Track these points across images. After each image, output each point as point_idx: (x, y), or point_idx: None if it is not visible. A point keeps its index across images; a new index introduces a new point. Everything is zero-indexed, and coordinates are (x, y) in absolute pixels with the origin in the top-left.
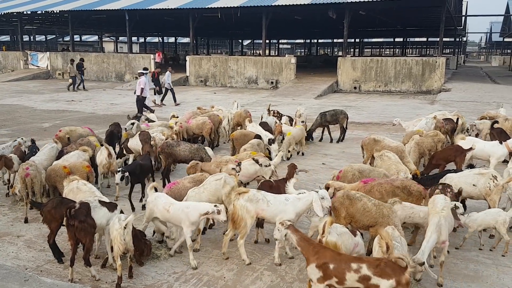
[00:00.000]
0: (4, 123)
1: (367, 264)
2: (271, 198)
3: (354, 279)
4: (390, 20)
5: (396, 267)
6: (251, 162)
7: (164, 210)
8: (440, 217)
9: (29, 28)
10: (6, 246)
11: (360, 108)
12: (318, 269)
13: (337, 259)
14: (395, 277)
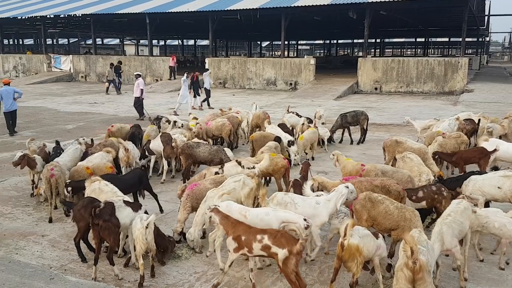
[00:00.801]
0: (28, 124)
1: (268, 235)
2: (299, 200)
3: (259, 248)
4: (411, 20)
5: (290, 239)
6: (233, 164)
7: (241, 216)
8: (442, 225)
9: (52, 31)
10: (31, 246)
11: (381, 109)
12: (233, 240)
13: (247, 232)
14: (287, 247)
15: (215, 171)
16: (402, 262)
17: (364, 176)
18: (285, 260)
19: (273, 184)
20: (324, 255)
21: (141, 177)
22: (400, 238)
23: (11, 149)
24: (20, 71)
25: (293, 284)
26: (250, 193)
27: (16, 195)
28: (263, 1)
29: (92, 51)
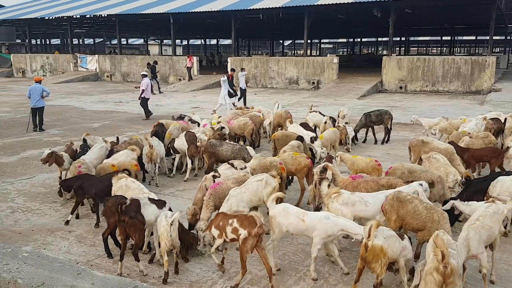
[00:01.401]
0: (55, 123)
1: (236, 219)
2: (369, 198)
3: (230, 231)
4: (437, 18)
5: (252, 222)
6: (227, 166)
7: (299, 220)
8: (469, 231)
9: (78, 31)
10: (59, 241)
11: (406, 108)
12: (215, 228)
13: (224, 219)
14: (248, 229)
15: (212, 175)
16: (432, 266)
17: (390, 174)
18: (244, 240)
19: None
20: (347, 256)
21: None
22: (425, 239)
23: (39, 146)
24: (47, 70)
25: (242, 261)
26: (272, 192)
27: (44, 192)
28: (286, 0)
29: (117, 51)
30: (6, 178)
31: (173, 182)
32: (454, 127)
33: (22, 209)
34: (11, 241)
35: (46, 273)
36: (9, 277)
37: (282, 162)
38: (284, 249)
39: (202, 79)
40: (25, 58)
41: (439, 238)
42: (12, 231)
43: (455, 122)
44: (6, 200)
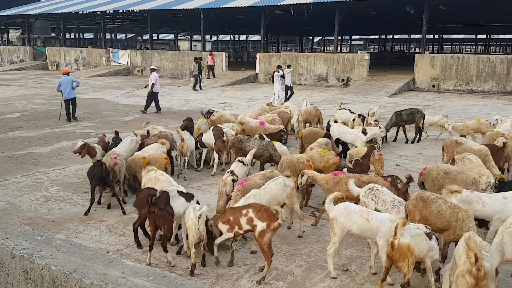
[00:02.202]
0: (88, 115)
1: (252, 208)
2: (486, 198)
3: (245, 222)
4: (472, 15)
5: (271, 214)
6: (239, 165)
7: (363, 219)
8: (503, 235)
9: (111, 26)
10: (90, 230)
11: (439, 107)
12: (224, 224)
13: (234, 212)
14: (267, 221)
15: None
16: (464, 268)
17: (425, 175)
18: (261, 232)
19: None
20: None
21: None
22: (451, 239)
23: (72, 138)
24: (80, 64)
25: (265, 253)
26: (292, 193)
27: (76, 182)
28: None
29: (148, 46)
30: (41, 168)
31: (201, 176)
32: (470, 127)
33: (55, 198)
34: (44, 229)
35: (78, 260)
36: (43, 263)
37: (309, 159)
38: (311, 246)
39: (230, 75)
40: (59, 51)
41: (471, 240)
42: (45, 219)
43: (470, 123)
44: (40, 189)
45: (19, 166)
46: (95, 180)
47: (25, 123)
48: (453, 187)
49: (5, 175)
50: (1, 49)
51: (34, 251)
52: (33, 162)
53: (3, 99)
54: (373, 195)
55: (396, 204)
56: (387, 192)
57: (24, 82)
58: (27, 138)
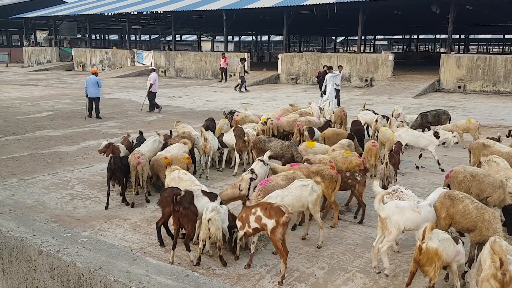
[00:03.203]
0: (113, 115)
1: (260, 207)
2: None
3: (253, 220)
4: (500, 15)
5: (278, 211)
6: (260, 164)
7: (415, 213)
8: None
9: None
10: (114, 228)
11: (465, 109)
12: (239, 221)
13: (246, 210)
14: (275, 218)
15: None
16: (489, 272)
17: (451, 177)
18: (273, 230)
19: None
20: (398, 259)
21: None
22: (477, 240)
23: (97, 137)
24: (106, 65)
25: (279, 250)
26: (317, 200)
27: (102, 180)
28: None
29: (171, 47)
30: (67, 167)
31: (222, 176)
32: (459, 127)
33: (81, 196)
34: (70, 226)
35: (103, 258)
36: (69, 260)
37: (332, 160)
38: (333, 248)
39: (252, 75)
40: (85, 52)
41: (497, 244)
42: (71, 217)
43: (460, 123)
44: (66, 187)
45: (46, 164)
46: (108, 173)
47: (52, 122)
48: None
49: (32, 173)
50: (29, 50)
51: (61, 248)
52: (59, 160)
53: (30, 99)
54: (397, 197)
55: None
56: (411, 195)
57: (51, 82)
58: (53, 137)
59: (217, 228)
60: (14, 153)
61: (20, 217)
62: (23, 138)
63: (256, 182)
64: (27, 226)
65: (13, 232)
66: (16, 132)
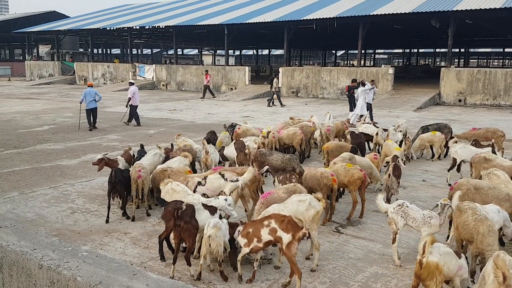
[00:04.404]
0: (114, 129)
1: (274, 219)
2: None
3: (267, 233)
4: (499, 29)
5: (295, 225)
6: (217, 175)
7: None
8: None
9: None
10: (115, 242)
11: (466, 122)
12: (243, 237)
13: (255, 224)
14: (292, 232)
15: (198, 181)
16: (492, 287)
17: (455, 190)
18: (289, 244)
19: (346, 196)
20: (400, 273)
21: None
22: (475, 253)
23: (99, 150)
24: (107, 79)
25: (294, 265)
26: (316, 217)
27: (102, 194)
28: (341, 10)
29: (173, 61)
30: (68, 180)
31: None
32: (425, 140)
33: (82, 210)
34: (70, 240)
35: (103, 272)
36: (69, 274)
37: (333, 174)
38: (335, 262)
39: (253, 88)
40: (87, 66)
41: (500, 258)
42: (71, 231)
43: (425, 136)
44: (67, 201)
45: (47, 178)
46: (109, 186)
47: (53, 136)
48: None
49: (33, 187)
50: (31, 64)
51: (61, 262)
52: (60, 174)
53: (32, 113)
54: (402, 211)
55: (426, 220)
56: (416, 209)
57: (52, 96)
58: (55, 150)
59: (218, 244)
60: (15, 166)
61: (21, 231)
62: (24, 151)
63: (203, 188)
64: (27, 240)
65: (14, 246)
66: (17, 146)
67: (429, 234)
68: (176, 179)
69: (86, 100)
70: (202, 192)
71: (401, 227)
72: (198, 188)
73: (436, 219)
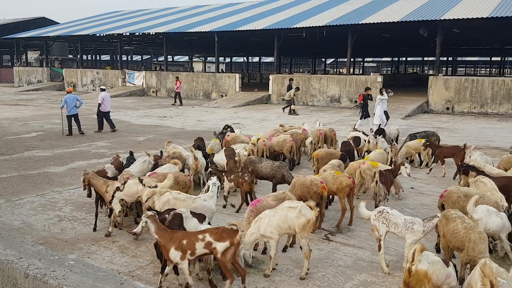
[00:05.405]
0: (103, 135)
1: (209, 233)
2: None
3: (202, 246)
4: (486, 38)
5: (230, 232)
6: (135, 181)
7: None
8: None
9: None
10: (102, 251)
11: (454, 130)
12: (177, 250)
13: (187, 235)
14: (229, 239)
15: (116, 186)
16: None
17: (445, 197)
18: (224, 251)
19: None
20: (389, 281)
21: None
22: (465, 260)
23: (87, 157)
24: (96, 85)
25: (227, 272)
26: (306, 225)
27: (90, 202)
28: (330, 19)
29: (163, 68)
30: (55, 188)
31: None
32: (411, 147)
33: (69, 218)
34: (57, 248)
35: (90, 281)
36: (55, 283)
37: (323, 181)
38: (324, 270)
39: (244, 95)
40: (76, 72)
41: (487, 266)
42: (58, 239)
43: (411, 143)
44: (54, 208)
45: (34, 185)
46: (97, 193)
47: (41, 142)
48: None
49: (20, 194)
50: (20, 70)
51: (47, 271)
52: (48, 181)
53: (20, 119)
54: (383, 218)
55: (408, 225)
56: (398, 214)
57: (41, 102)
58: (42, 157)
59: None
60: (2, 173)
61: (7, 239)
62: (12, 158)
63: (120, 194)
64: (13, 249)
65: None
66: (4, 153)
67: (413, 241)
68: (96, 183)
69: (68, 107)
70: (120, 197)
71: (384, 234)
72: (116, 194)
73: (419, 224)
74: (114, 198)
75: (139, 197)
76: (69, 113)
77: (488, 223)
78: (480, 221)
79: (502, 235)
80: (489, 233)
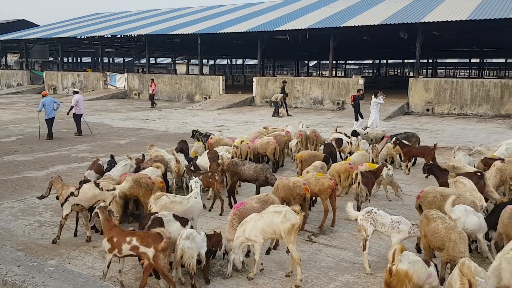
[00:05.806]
0: (84, 139)
1: (136, 237)
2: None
3: (128, 249)
4: (465, 40)
5: (156, 238)
6: (91, 185)
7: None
8: (501, 260)
9: (109, 50)
10: (83, 256)
11: (434, 131)
12: (108, 242)
13: (120, 234)
14: (154, 245)
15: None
16: None
17: (422, 198)
18: (154, 258)
19: (318, 205)
20: (371, 281)
21: None
22: (446, 260)
23: (67, 162)
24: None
25: (166, 277)
26: (291, 230)
27: None
28: (312, 22)
29: (145, 70)
30: (35, 192)
31: None
32: (391, 149)
33: (49, 223)
34: (37, 254)
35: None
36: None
37: (306, 183)
38: (307, 272)
39: (227, 98)
40: (57, 75)
41: (465, 266)
42: (38, 245)
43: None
44: (34, 214)
45: (13, 190)
46: None
47: (20, 147)
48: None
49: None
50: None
51: (26, 278)
52: (27, 186)
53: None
54: (371, 218)
55: (395, 225)
56: (384, 215)
57: (21, 105)
58: (22, 162)
59: (190, 256)
60: None
61: None
62: None
63: (75, 199)
64: None
65: None
66: None
67: (399, 240)
68: (55, 186)
69: (47, 110)
70: (75, 202)
71: (371, 233)
72: (70, 199)
73: (405, 224)
74: (67, 202)
75: (98, 201)
76: (48, 116)
77: (466, 222)
78: (458, 221)
79: (479, 235)
80: (467, 232)
